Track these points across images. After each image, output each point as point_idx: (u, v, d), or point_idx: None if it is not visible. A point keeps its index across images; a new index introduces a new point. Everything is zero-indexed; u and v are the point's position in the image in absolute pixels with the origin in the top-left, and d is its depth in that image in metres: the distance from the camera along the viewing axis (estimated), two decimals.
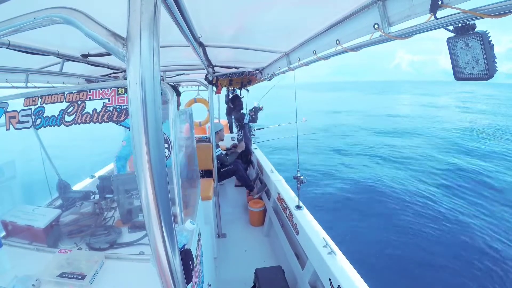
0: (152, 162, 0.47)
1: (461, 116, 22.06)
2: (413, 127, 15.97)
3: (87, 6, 0.66)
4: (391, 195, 6.89)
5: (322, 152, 11.49)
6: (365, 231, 5.34)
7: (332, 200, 6.80)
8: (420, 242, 4.91)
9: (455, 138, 13.51)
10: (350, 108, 29.59)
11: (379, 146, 12.17)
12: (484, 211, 6.03)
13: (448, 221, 5.58)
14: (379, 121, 19.27)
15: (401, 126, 17.14)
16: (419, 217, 5.73)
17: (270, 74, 3.03)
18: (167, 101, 1.16)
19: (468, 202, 6.47)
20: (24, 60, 1.76)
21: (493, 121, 19.52)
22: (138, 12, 0.44)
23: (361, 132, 15.47)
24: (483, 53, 0.72)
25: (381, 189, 7.25)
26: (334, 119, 20.77)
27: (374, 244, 4.89)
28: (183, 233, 1.09)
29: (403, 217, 5.80)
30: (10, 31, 0.60)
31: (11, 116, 1.28)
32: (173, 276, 0.54)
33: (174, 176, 1.17)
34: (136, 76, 0.45)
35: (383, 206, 6.36)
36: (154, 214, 0.49)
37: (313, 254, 2.11)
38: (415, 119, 20.79)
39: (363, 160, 10.10)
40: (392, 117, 21.73)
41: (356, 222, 5.66)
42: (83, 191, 2.01)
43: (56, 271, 1.13)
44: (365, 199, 6.77)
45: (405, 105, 31.00)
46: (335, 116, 22.98)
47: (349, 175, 8.47)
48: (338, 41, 1.36)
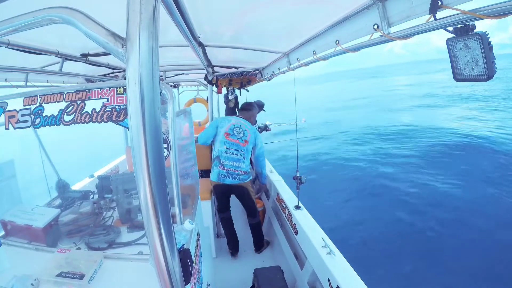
0: (151, 162, 0.47)
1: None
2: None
3: (86, 6, 0.66)
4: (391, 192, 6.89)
5: (322, 152, 11.50)
6: (364, 229, 5.36)
7: (332, 200, 6.80)
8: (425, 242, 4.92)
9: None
10: (344, 97, 30.01)
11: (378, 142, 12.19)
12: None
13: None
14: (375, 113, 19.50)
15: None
16: (424, 217, 5.71)
17: (269, 74, 3.03)
18: (166, 101, 1.16)
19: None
20: (23, 59, 1.76)
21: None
22: (138, 12, 0.44)
23: (358, 127, 15.47)
24: (482, 54, 0.72)
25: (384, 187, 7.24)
26: (331, 113, 20.87)
27: (375, 244, 4.90)
28: (182, 233, 1.10)
29: (407, 215, 5.80)
30: (10, 31, 0.59)
31: (10, 115, 1.28)
32: (171, 276, 0.54)
33: (173, 176, 1.17)
34: (135, 76, 0.45)
35: (383, 202, 6.38)
36: (153, 214, 0.49)
37: (312, 254, 2.11)
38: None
39: (363, 156, 10.09)
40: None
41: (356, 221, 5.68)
42: (82, 191, 2.00)
43: (55, 270, 1.13)
44: (365, 197, 6.78)
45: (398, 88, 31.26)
46: (331, 109, 23.10)
47: (350, 174, 8.47)
48: (338, 41, 1.36)
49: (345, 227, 5.43)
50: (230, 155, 2.82)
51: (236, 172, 2.82)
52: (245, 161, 2.85)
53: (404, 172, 8.00)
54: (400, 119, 14.94)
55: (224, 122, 2.92)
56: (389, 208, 6.09)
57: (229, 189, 2.89)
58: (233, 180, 2.82)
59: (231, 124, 2.88)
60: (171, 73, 3.81)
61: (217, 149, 2.86)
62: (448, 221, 5.43)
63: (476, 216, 5.45)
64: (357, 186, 7.50)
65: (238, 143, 2.83)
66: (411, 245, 4.80)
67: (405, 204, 6.15)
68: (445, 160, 8.69)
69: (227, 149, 2.82)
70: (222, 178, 2.81)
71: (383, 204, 6.31)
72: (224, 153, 2.82)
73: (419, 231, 5.19)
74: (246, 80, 3.73)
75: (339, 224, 5.48)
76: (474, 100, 18.70)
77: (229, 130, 2.85)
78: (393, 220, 5.62)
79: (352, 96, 29.17)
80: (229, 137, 2.84)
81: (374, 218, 5.79)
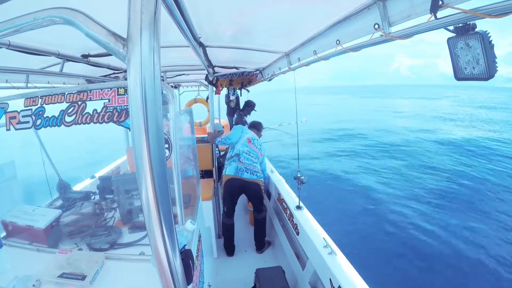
0: (152, 162, 0.47)
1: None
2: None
3: (87, 6, 0.66)
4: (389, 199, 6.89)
5: (322, 152, 11.50)
6: (364, 232, 5.35)
7: (332, 199, 6.80)
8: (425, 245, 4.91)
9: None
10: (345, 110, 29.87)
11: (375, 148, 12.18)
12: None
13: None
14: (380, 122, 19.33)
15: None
16: (423, 221, 5.71)
17: (270, 74, 3.03)
18: (167, 101, 1.16)
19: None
20: (24, 60, 1.76)
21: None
22: (139, 12, 0.44)
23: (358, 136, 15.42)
24: (483, 53, 0.72)
25: (380, 193, 7.24)
26: (332, 120, 20.87)
27: (376, 244, 4.90)
28: (184, 234, 1.09)
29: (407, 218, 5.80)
30: (11, 32, 0.59)
31: (11, 116, 1.28)
32: (173, 276, 0.54)
33: (175, 176, 1.18)
34: (137, 77, 0.45)
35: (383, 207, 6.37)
36: (154, 214, 0.49)
37: (313, 254, 2.11)
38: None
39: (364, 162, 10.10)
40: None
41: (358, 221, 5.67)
42: (84, 192, 2.01)
43: (57, 271, 1.13)
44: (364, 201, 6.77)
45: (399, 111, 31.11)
46: (333, 117, 23.11)
47: (350, 176, 8.47)
48: (339, 41, 1.36)
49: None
50: (249, 156, 3.06)
51: (254, 169, 3.02)
52: (259, 166, 3.13)
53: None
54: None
55: (247, 131, 3.29)
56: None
57: (243, 185, 3.00)
58: (251, 176, 2.98)
59: (252, 135, 3.25)
60: (171, 74, 3.80)
61: (237, 148, 3.07)
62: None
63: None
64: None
65: (257, 151, 3.15)
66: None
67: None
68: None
69: (247, 151, 3.08)
70: (241, 172, 2.96)
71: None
72: (244, 154, 3.04)
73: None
74: (247, 80, 3.72)
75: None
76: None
77: (251, 138, 3.19)
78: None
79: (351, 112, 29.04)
80: (251, 143, 3.14)
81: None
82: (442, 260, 4.42)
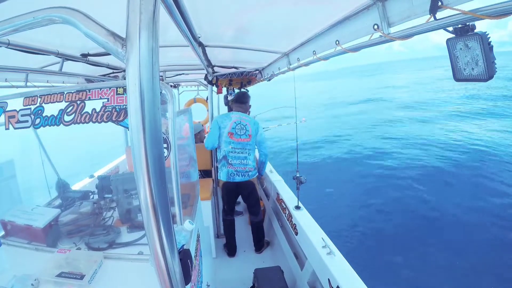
0: (151, 162, 0.47)
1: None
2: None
3: (86, 6, 0.66)
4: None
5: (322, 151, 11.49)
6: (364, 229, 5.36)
7: (332, 199, 6.80)
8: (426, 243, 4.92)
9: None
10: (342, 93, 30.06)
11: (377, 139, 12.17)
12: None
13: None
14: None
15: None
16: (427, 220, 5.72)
17: (269, 74, 3.03)
18: (166, 101, 1.16)
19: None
20: (23, 59, 1.76)
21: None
22: (137, 12, 0.44)
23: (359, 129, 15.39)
24: (482, 54, 0.72)
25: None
26: (330, 111, 20.92)
27: (375, 243, 4.90)
28: (182, 233, 1.10)
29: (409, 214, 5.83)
30: (10, 31, 0.59)
31: (10, 115, 1.28)
32: (171, 276, 0.54)
33: (173, 176, 1.17)
34: (135, 76, 0.44)
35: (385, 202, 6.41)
36: (153, 214, 0.49)
37: (312, 255, 2.11)
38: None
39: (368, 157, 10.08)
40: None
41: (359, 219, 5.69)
42: (82, 191, 2.00)
43: (55, 270, 1.13)
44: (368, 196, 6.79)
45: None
46: (330, 106, 23.17)
47: (351, 174, 8.47)
48: (338, 41, 1.36)
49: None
50: (236, 154, 2.90)
51: (245, 170, 2.92)
52: (250, 157, 2.94)
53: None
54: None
55: (225, 121, 2.93)
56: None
57: (238, 187, 2.98)
58: (243, 178, 2.92)
59: (233, 122, 2.91)
60: (171, 73, 3.81)
61: (223, 149, 2.93)
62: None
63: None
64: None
65: (242, 141, 2.90)
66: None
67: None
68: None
69: (232, 149, 2.89)
70: (232, 177, 2.91)
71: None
72: (230, 153, 2.90)
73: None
74: (246, 80, 3.73)
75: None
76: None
77: (231, 129, 2.89)
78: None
79: (347, 97, 29.23)
80: (232, 136, 2.89)
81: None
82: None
